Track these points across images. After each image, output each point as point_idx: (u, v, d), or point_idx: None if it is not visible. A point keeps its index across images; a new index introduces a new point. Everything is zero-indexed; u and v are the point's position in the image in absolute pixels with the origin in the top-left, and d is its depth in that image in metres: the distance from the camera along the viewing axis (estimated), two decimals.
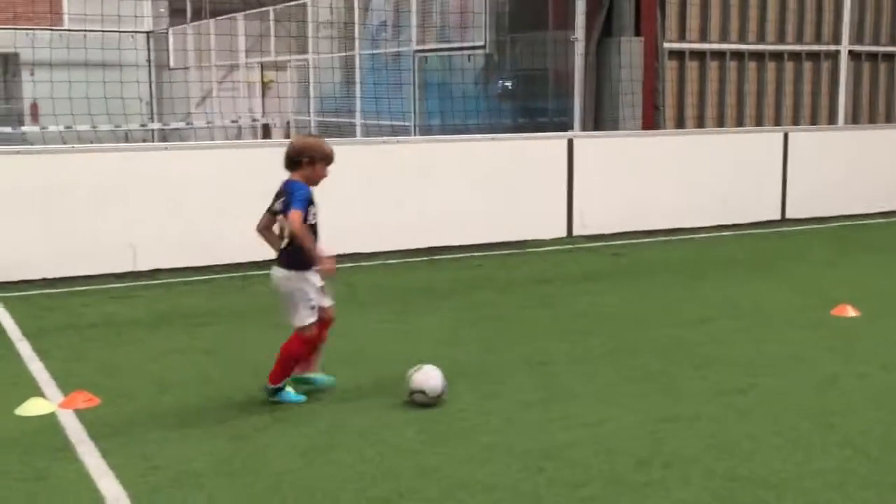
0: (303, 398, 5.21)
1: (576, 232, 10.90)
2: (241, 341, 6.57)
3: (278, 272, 5.11)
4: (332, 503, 3.94)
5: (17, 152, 8.99)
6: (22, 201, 8.40)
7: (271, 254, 5.22)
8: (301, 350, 5.16)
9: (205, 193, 9.03)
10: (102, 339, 6.58)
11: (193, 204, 9.00)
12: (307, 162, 5.05)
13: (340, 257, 9.53)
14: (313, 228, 5.07)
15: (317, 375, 5.38)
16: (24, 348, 6.37)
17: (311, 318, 5.11)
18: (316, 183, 5.11)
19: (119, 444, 4.61)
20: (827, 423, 4.90)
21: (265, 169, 9.33)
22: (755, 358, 6.10)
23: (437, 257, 9.78)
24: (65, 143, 10.68)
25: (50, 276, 8.48)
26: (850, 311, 7.25)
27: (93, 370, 5.87)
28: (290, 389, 5.21)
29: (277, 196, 5.10)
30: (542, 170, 10.77)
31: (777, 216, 12.15)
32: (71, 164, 8.75)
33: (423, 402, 5.10)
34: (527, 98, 16.32)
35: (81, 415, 5.02)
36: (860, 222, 12.27)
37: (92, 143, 11.82)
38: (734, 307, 7.56)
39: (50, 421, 4.96)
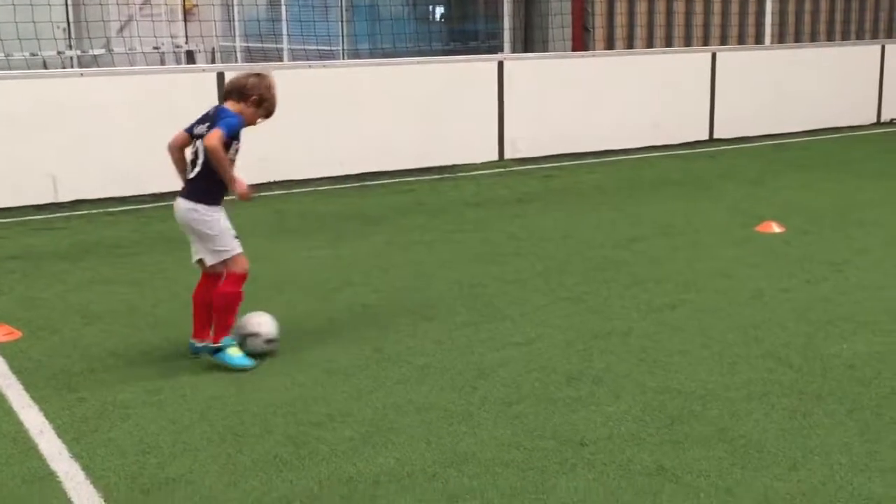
0: (251, 362, 4.56)
1: (507, 155, 10.86)
2: (167, 271, 6.44)
3: (184, 205, 4.54)
4: (262, 428, 3.91)
5: None
6: None
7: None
8: (237, 290, 4.57)
9: (125, 122, 8.76)
10: (22, 272, 6.39)
11: (114, 132, 8.72)
12: (253, 101, 4.53)
13: (270, 185, 9.46)
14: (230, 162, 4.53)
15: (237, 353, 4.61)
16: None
17: (238, 247, 4.57)
18: (247, 124, 4.59)
19: (42, 377, 4.49)
20: (753, 336, 4.99)
21: (187, 95, 9.15)
22: (685, 275, 6.18)
23: (367, 183, 9.68)
24: None
25: None
26: (775, 228, 7.38)
27: (13, 303, 5.71)
28: (233, 351, 4.56)
29: (203, 119, 4.57)
30: (472, 93, 10.67)
31: (706, 136, 12.25)
32: None
33: (258, 347, 4.62)
34: (457, 21, 16.10)
35: (2, 348, 4.88)
36: (786, 141, 12.45)
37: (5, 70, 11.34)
38: (665, 226, 7.64)
39: None
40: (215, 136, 4.36)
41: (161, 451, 3.72)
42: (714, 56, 12.28)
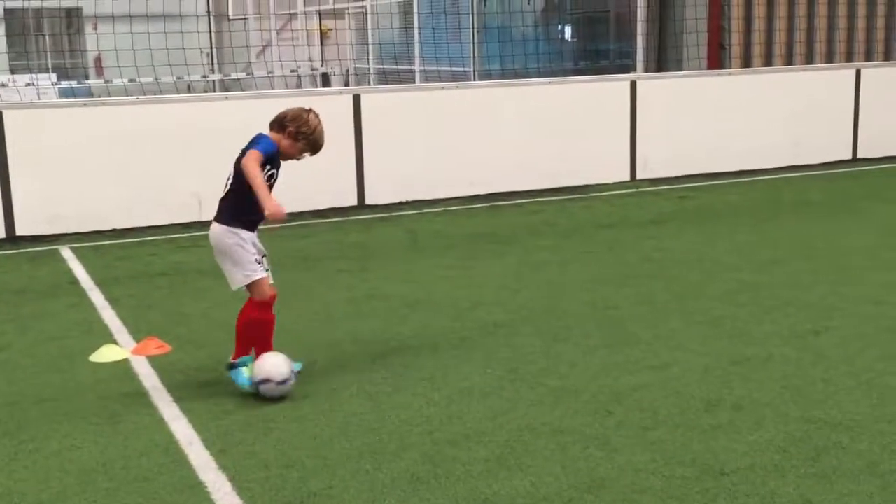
0: (246, 384, 4.51)
1: (639, 175, 10.73)
2: (308, 288, 6.62)
3: (214, 227, 4.53)
4: (399, 445, 3.96)
5: (85, 104, 9.11)
6: (91, 154, 8.52)
7: (327, 199, 5.15)
8: (259, 316, 4.55)
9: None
10: (171, 288, 6.68)
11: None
12: (291, 133, 4.50)
13: (402, 204, 9.61)
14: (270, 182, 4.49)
15: (243, 374, 4.58)
16: (97, 297, 6.50)
17: (259, 273, 4.49)
18: (286, 157, 4.57)
19: (190, 390, 4.68)
20: None
21: (324, 116, 9.40)
22: (830, 300, 5.96)
23: (498, 203, 9.72)
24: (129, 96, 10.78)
25: (119, 226, 8.62)
26: None
27: (162, 318, 5.97)
28: (244, 371, 4.55)
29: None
30: (604, 113, 10.59)
31: (849, 156, 11.80)
32: (137, 115, 8.84)
33: (273, 392, 4.43)
34: (588, 40, 16.02)
35: (153, 361, 5.12)
36: None
37: (156, 94, 11.93)
38: (807, 249, 7.39)
39: (123, 367, 5.06)
40: (251, 155, 4.32)
41: (303, 465, 3.81)
42: (858, 72, 11.83)
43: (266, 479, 3.68)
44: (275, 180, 4.52)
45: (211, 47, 17.83)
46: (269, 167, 4.43)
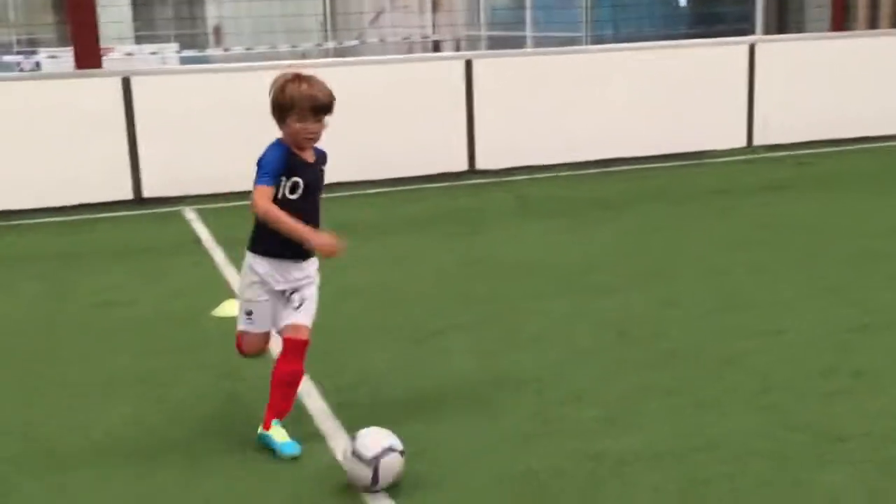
0: (295, 450, 3.62)
1: (756, 141, 10.45)
2: (419, 251, 6.73)
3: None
4: (510, 405, 4.02)
5: (206, 71, 9.40)
6: (212, 119, 8.80)
7: (438, 164, 5.08)
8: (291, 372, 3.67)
9: (379, 109, 9.19)
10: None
11: (369, 120, 9.18)
12: (277, 117, 3.60)
13: (512, 170, 9.62)
14: (292, 206, 3.57)
15: (277, 439, 3.66)
16: (219, 256, 6.75)
17: (240, 325, 3.75)
18: (298, 145, 3.60)
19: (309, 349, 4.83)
20: None
21: (436, 82, 9.48)
22: None
23: (610, 169, 9.63)
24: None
25: (240, 189, 8.88)
26: None
27: None
28: (274, 434, 3.66)
29: None
30: (720, 77, 10.33)
31: None
32: (254, 81, 9.05)
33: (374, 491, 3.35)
34: (705, 3, 15.63)
35: None
36: None
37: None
38: None
39: None
40: (257, 199, 3.51)
41: (416, 418, 3.91)
42: None
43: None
44: (312, 182, 3.65)
45: (325, 14, 18.09)
46: (284, 179, 3.55)
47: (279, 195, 3.55)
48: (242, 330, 3.74)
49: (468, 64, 9.59)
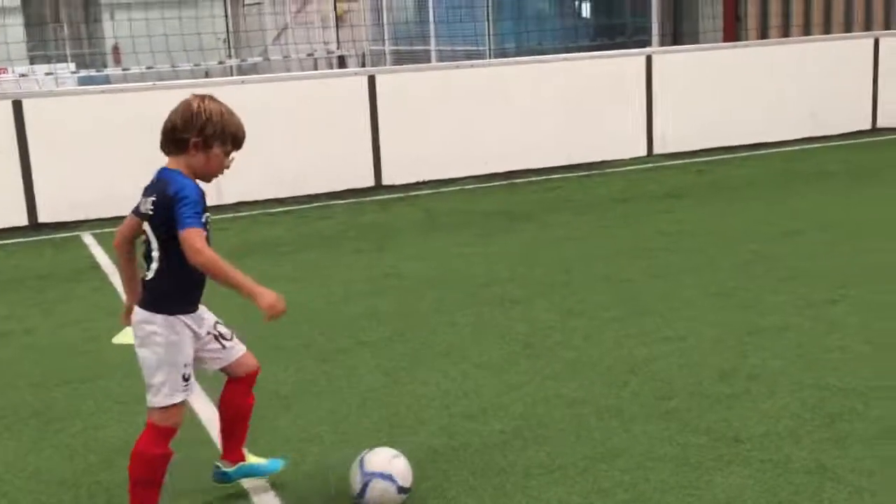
0: (284, 462, 3.56)
1: (656, 150, 10.71)
2: (326, 268, 6.68)
3: (140, 314, 3.14)
4: (416, 420, 4.02)
5: (103, 91, 9.19)
6: (110, 141, 8.60)
7: (345, 180, 5.13)
8: (159, 451, 3.13)
9: (284, 126, 9.12)
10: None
11: (274, 136, 9.10)
12: (196, 145, 3.10)
13: (419, 185, 9.66)
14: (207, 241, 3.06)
15: (261, 462, 3.53)
16: (118, 281, 6.58)
17: (176, 396, 3.12)
18: (208, 177, 3.17)
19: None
20: None
21: (341, 98, 9.45)
22: (846, 270, 5.95)
23: (515, 181, 9.73)
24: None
25: None
26: None
27: None
28: (255, 461, 3.51)
29: (146, 192, 3.18)
30: (620, 88, 10.56)
31: (868, 126, 11.71)
32: (154, 101, 8.88)
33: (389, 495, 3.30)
34: (604, 15, 15.95)
35: None
36: None
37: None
38: (824, 220, 7.38)
39: None
40: (196, 240, 2.97)
41: (321, 440, 3.88)
42: (877, 41, 11.73)
43: (286, 454, 3.75)
44: (210, 222, 3.13)
45: (227, 32, 17.88)
46: (204, 216, 3.07)
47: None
48: (179, 402, 3.13)
49: (371, 79, 9.59)
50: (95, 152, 8.55)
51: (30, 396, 4.53)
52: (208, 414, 4.07)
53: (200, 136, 3.09)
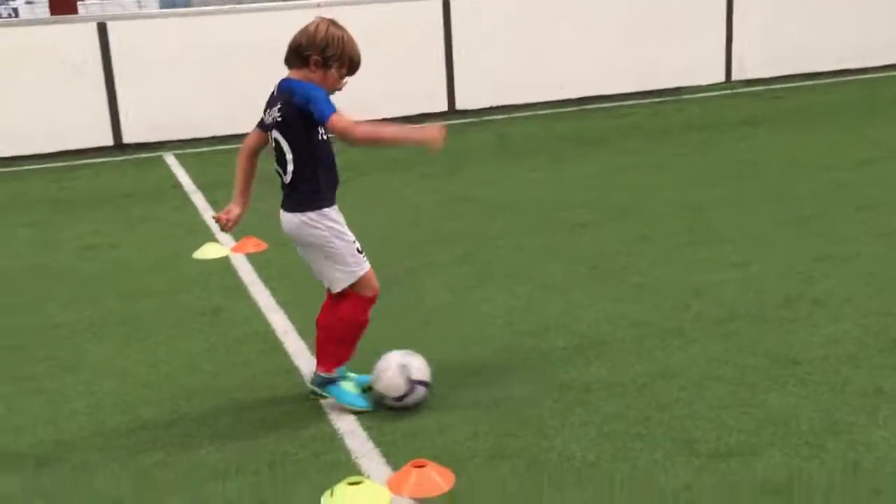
0: (366, 404, 3.54)
1: (735, 76, 10.50)
2: (397, 191, 6.82)
3: (291, 219, 3.47)
4: (479, 336, 4.15)
5: (184, 14, 9.36)
6: (190, 63, 8.80)
7: (419, 105, 5.15)
8: (365, 317, 3.56)
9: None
10: (267, 191, 6.94)
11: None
12: (317, 62, 3.34)
13: (492, 109, 9.66)
14: (328, 149, 3.45)
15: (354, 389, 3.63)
16: (199, 200, 6.83)
17: (364, 267, 3.52)
18: (329, 92, 3.39)
19: (286, 284, 4.95)
20: None
21: (413, 22, 9.44)
22: None
23: (588, 107, 9.68)
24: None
25: (219, 133, 8.93)
26: None
27: (260, 219, 6.16)
28: (347, 385, 3.59)
29: (270, 104, 3.44)
30: (697, 11, 10.33)
31: None
32: (233, 25, 9.05)
33: (394, 405, 3.52)
34: None
35: (252, 258, 5.40)
36: None
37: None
38: None
39: (224, 263, 5.37)
40: (341, 124, 3.28)
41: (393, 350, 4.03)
42: None
43: (355, 365, 3.91)
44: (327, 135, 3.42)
45: None
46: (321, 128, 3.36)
47: (322, 136, 3.38)
48: (367, 268, 3.52)
49: (446, 4, 9.57)
50: (177, 75, 8.76)
51: (117, 306, 4.78)
52: None
53: (321, 55, 3.35)
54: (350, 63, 3.40)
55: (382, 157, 7.96)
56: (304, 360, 4.00)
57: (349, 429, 3.40)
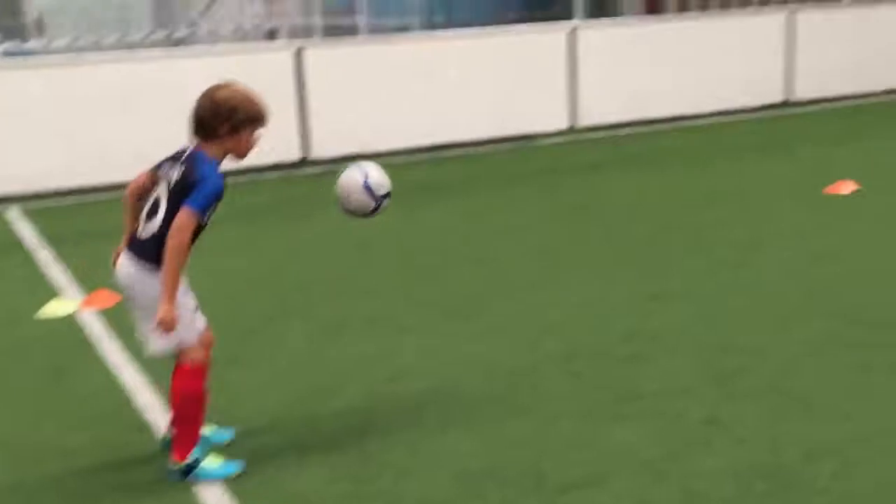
0: (236, 468, 3.45)
1: (580, 123, 10.95)
2: (254, 240, 6.80)
3: (134, 267, 3.38)
4: (336, 383, 4.19)
5: (26, 64, 9.11)
6: (34, 114, 8.54)
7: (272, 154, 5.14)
8: (200, 386, 3.41)
9: None
10: (116, 244, 6.81)
11: None
12: (228, 131, 3.36)
13: (347, 158, 9.75)
14: (198, 232, 3.37)
15: (212, 431, 3.68)
16: (45, 255, 6.62)
17: (196, 333, 3.45)
18: (241, 157, 3.47)
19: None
20: (817, 295, 5.08)
21: (268, 72, 9.47)
22: (755, 236, 6.26)
23: (441, 154, 9.90)
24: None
25: (65, 186, 8.68)
26: (850, 188, 7.37)
27: (109, 273, 6.11)
28: (208, 463, 3.44)
29: (175, 158, 3.39)
30: (544, 61, 10.76)
31: (783, 98, 12.11)
32: (79, 74, 8.85)
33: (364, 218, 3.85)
34: None
35: (102, 312, 5.28)
36: (868, 101, 12.22)
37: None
38: (737, 190, 7.69)
39: (70, 321, 5.22)
40: (186, 225, 3.25)
41: (246, 404, 4.03)
42: (791, 15, 12.10)
43: (211, 419, 3.89)
44: (210, 219, 3.41)
45: (154, 5, 17.65)
46: (210, 210, 3.35)
47: (198, 227, 3.32)
48: (200, 329, 3.49)
49: (299, 52, 9.65)
50: (18, 126, 8.50)
51: None
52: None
53: (230, 123, 3.35)
54: (260, 120, 3.43)
55: (240, 208, 7.93)
56: (157, 415, 3.94)
57: (204, 485, 3.38)
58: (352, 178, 3.71)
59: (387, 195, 3.75)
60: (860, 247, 5.93)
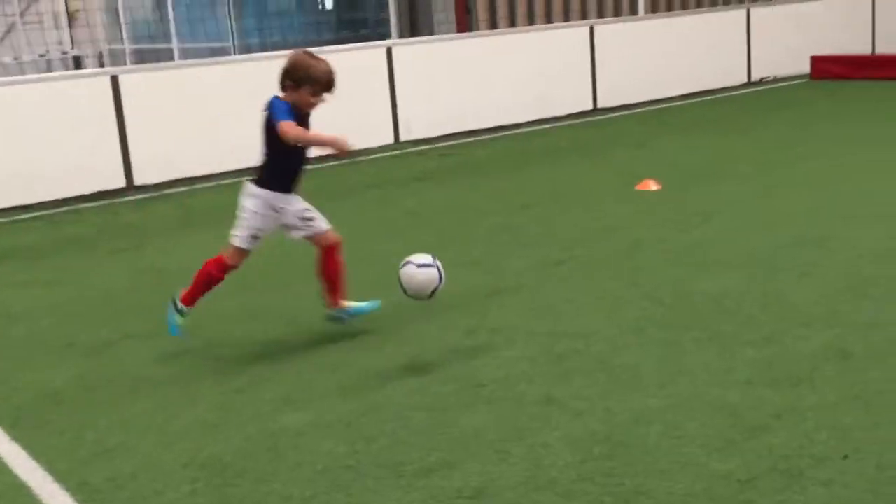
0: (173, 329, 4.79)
1: (402, 138, 11.27)
2: (83, 270, 6.67)
3: (248, 188, 4.76)
4: (189, 397, 4.24)
5: None
6: None
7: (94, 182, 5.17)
8: (216, 273, 4.82)
9: (22, 131, 8.87)
10: None
11: (12, 142, 8.83)
12: (290, 86, 4.53)
13: (173, 182, 9.66)
14: (284, 151, 4.57)
15: (359, 304, 4.99)
16: None
17: (238, 242, 4.76)
18: (302, 108, 4.58)
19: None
20: (632, 281, 5.53)
21: (81, 100, 9.27)
22: (573, 233, 6.70)
23: None
24: None
25: None
26: (654, 186, 7.98)
27: None
28: (176, 318, 4.79)
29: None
30: (365, 80, 11.01)
31: (590, 106, 12.85)
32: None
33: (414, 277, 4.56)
34: (347, 10, 16.37)
35: None
36: (666, 106, 13.15)
37: None
38: (555, 191, 8.16)
39: None
40: (287, 129, 4.43)
41: (96, 426, 4.03)
42: (592, 29, 12.88)
43: (61, 444, 3.87)
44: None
45: None
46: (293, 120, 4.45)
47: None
48: (243, 248, 4.80)
49: (114, 79, 9.50)
50: None
51: None
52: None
53: (291, 79, 4.52)
54: (317, 82, 4.53)
55: (65, 238, 7.75)
56: (5, 447, 3.88)
57: None
58: (410, 270, 4.56)
59: (437, 269, 4.52)
60: (667, 237, 6.46)
